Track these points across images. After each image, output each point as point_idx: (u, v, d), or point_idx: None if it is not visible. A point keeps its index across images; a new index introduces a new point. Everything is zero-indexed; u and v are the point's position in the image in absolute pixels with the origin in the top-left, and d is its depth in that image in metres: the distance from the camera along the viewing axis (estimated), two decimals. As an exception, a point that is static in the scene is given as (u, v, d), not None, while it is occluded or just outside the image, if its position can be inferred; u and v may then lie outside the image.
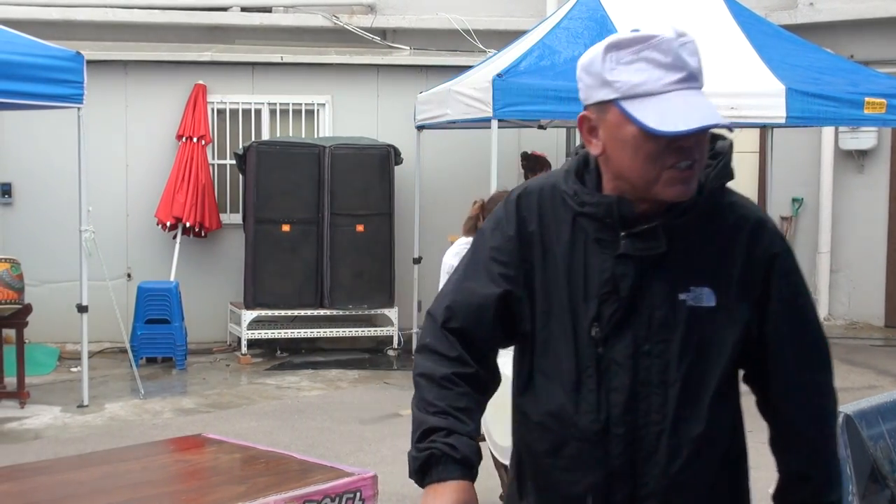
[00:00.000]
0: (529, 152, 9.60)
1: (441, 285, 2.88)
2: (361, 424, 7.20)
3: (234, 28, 11.18)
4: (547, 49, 8.24)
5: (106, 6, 10.80)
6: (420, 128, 9.69)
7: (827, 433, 2.23)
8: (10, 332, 7.97)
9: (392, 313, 9.72)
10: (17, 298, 7.62)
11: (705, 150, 2.09)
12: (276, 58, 10.38)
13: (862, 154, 11.33)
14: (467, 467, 2.11)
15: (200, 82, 10.16)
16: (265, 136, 10.32)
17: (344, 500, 3.54)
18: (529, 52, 8.21)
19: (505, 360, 4.90)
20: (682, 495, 2.10)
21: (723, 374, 2.17)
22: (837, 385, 2.27)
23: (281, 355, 9.75)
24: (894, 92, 8.73)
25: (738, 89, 8.25)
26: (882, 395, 3.51)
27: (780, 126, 9.42)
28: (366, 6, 11.22)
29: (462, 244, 5.04)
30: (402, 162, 9.84)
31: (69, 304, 7.89)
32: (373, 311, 9.86)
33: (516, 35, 9.50)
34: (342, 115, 10.51)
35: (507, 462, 4.72)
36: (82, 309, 7.60)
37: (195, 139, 9.97)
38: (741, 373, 2.29)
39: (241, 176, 9.84)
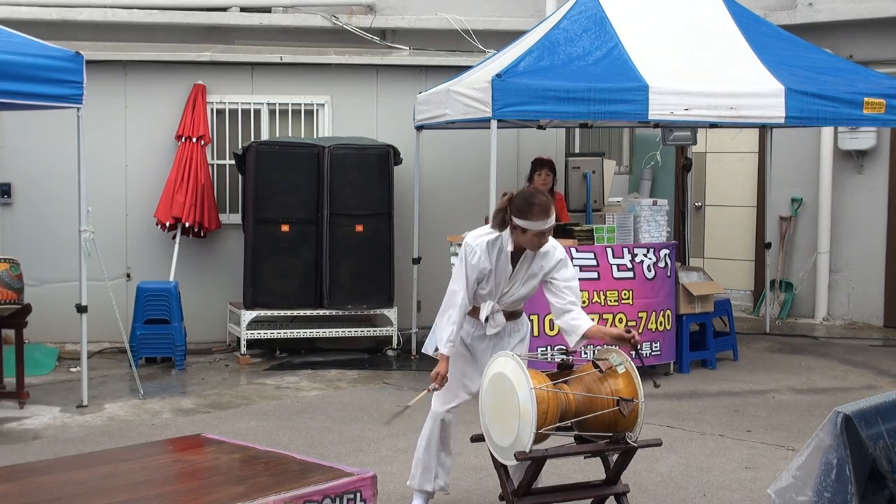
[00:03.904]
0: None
1: (456, 264, 5.16)
2: (361, 424, 7.20)
3: (234, 28, 11.18)
4: (546, 49, 8.24)
5: (105, 6, 10.81)
6: (419, 128, 9.69)
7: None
8: (9, 333, 7.97)
9: (391, 313, 9.72)
10: (16, 298, 7.62)
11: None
12: (275, 58, 10.38)
13: (861, 154, 11.34)
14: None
15: (200, 82, 10.16)
16: (264, 136, 10.32)
17: (344, 500, 3.54)
18: (529, 53, 8.21)
19: (504, 359, 4.90)
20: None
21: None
22: (837, 385, 2.34)
23: (280, 355, 9.75)
24: (893, 92, 8.74)
25: (738, 89, 8.26)
26: (881, 395, 3.51)
27: (779, 126, 9.44)
28: (365, 6, 11.23)
29: (483, 232, 5.09)
30: (401, 162, 9.84)
31: (68, 304, 7.89)
32: (372, 311, 9.86)
33: (515, 35, 9.51)
34: (341, 116, 10.51)
35: (507, 462, 4.72)
36: (81, 309, 7.60)
37: (194, 139, 9.97)
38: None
39: (240, 176, 9.84)
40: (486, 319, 5.09)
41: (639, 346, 4.91)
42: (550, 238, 5.10)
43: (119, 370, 8.99)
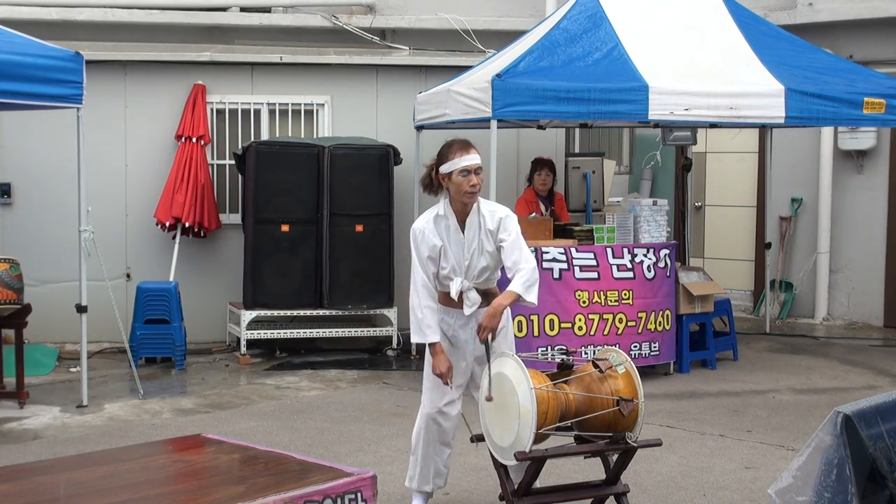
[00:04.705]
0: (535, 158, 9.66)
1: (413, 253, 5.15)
2: (361, 424, 7.20)
3: (234, 28, 11.18)
4: (546, 49, 8.24)
5: (105, 6, 10.81)
6: (419, 128, 9.69)
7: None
8: (9, 333, 7.97)
9: (391, 313, 9.72)
10: (16, 299, 7.62)
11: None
12: (275, 58, 10.38)
13: (861, 154, 11.34)
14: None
15: (200, 82, 10.16)
16: (264, 136, 10.32)
17: (345, 500, 3.54)
18: (528, 53, 8.21)
19: (504, 359, 4.90)
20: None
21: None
22: (837, 385, 2.36)
23: (280, 355, 9.75)
24: (893, 92, 8.74)
25: (738, 89, 8.26)
26: (881, 395, 3.51)
27: (779, 126, 9.43)
28: (365, 6, 11.23)
29: (425, 216, 5.12)
30: (401, 162, 9.84)
31: (68, 304, 7.89)
32: (372, 311, 9.86)
33: (515, 35, 9.51)
34: (341, 116, 10.51)
35: (507, 462, 4.72)
36: (81, 309, 7.60)
37: (194, 139, 9.97)
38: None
39: (240, 176, 9.84)
40: (460, 298, 5.02)
41: (486, 343, 4.87)
42: (492, 203, 5.06)
43: (119, 370, 8.99)
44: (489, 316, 4.83)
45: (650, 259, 8.47)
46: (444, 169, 4.96)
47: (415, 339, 5.07)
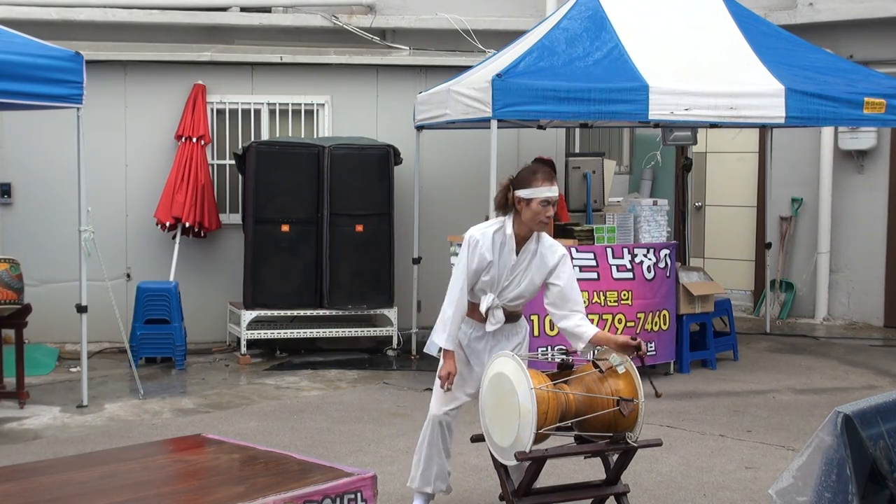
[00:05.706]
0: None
1: (458, 256, 5.05)
2: (361, 424, 7.20)
3: (234, 28, 11.19)
4: (546, 49, 8.24)
5: (105, 6, 10.82)
6: (419, 128, 9.69)
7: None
8: (9, 333, 7.97)
9: (391, 313, 9.72)
10: (16, 298, 7.62)
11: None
12: (275, 58, 10.39)
13: (861, 154, 11.34)
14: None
15: (200, 82, 10.16)
16: (265, 136, 10.32)
17: (345, 500, 3.54)
18: (529, 53, 8.21)
19: (504, 359, 4.90)
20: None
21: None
22: (837, 385, 2.35)
23: (280, 355, 9.75)
24: (893, 92, 8.74)
25: (738, 89, 8.26)
26: (881, 395, 3.50)
27: (779, 126, 9.43)
28: (365, 6, 11.23)
29: (487, 225, 5.06)
30: (401, 162, 9.84)
31: (69, 304, 7.89)
32: (372, 311, 9.86)
33: (516, 35, 9.51)
34: (342, 116, 10.51)
35: (507, 462, 4.72)
36: (81, 309, 7.60)
37: (194, 139, 9.97)
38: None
39: (240, 176, 9.84)
40: (486, 314, 5.03)
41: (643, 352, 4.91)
42: (552, 238, 5.09)
43: (119, 370, 8.99)
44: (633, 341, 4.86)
45: (650, 259, 8.47)
46: (524, 194, 4.91)
47: (434, 338, 5.08)
